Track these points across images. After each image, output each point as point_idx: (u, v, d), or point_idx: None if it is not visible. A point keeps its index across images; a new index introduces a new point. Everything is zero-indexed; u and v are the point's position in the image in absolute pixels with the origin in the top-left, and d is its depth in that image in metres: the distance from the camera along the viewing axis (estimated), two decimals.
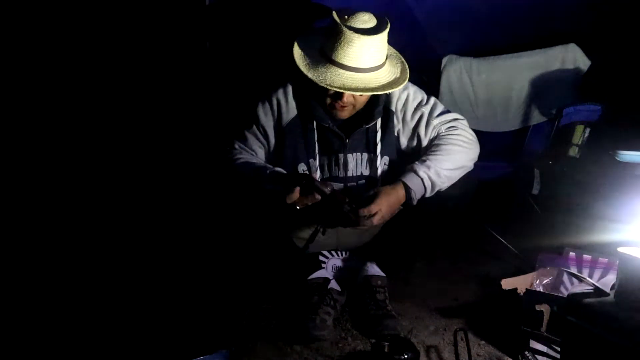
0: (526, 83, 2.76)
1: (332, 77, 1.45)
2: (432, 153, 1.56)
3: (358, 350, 1.52)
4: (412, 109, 1.66)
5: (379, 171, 1.68)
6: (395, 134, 1.69)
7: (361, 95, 1.54)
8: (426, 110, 1.66)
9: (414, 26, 2.63)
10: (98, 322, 1.71)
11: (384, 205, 1.46)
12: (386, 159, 1.68)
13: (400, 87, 1.54)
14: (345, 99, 1.52)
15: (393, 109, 1.66)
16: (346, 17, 1.47)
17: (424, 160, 1.54)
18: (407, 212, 1.71)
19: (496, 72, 2.83)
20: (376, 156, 1.67)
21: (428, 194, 1.54)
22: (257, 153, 1.71)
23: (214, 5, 2.57)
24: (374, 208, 1.44)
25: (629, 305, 1.06)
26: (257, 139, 1.69)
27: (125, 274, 2.13)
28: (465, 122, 1.69)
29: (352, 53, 1.44)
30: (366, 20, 1.47)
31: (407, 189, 1.50)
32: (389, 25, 1.47)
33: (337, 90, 1.46)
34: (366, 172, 1.70)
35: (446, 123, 1.65)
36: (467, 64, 2.88)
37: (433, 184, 1.52)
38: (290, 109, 1.65)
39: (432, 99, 1.70)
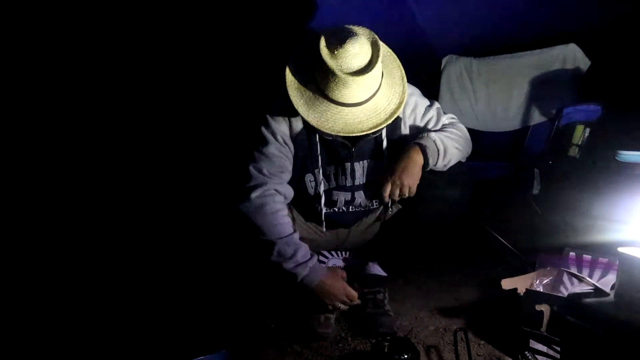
0: (526, 83, 2.76)
1: (334, 117, 1.41)
2: (440, 131, 1.60)
3: (358, 350, 1.52)
4: (422, 114, 1.66)
5: None
6: (402, 139, 1.67)
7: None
8: (434, 112, 1.67)
9: (414, 26, 2.63)
10: (98, 322, 1.71)
11: (401, 173, 1.45)
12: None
13: (397, 113, 1.49)
14: None
15: (401, 115, 1.63)
16: (335, 51, 1.35)
17: (435, 131, 1.58)
18: (407, 212, 1.71)
19: (496, 72, 2.82)
20: (383, 164, 1.64)
21: (439, 161, 1.52)
22: (285, 170, 1.60)
23: (214, 4, 2.57)
24: (388, 184, 1.46)
25: (629, 305, 1.06)
26: (281, 152, 1.58)
27: (125, 274, 2.13)
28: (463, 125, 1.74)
29: (349, 92, 1.38)
30: (357, 52, 1.35)
31: (423, 149, 1.48)
32: (380, 47, 1.39)
33: (342, 134, 1.43)
34: (371, 178, 1.68)
35: (450, 119, 1.70)
36: (467, 64, 2.88)
37: (445, 149, 1.52)
38: (298, 121, 1.58)
39: (435, 102, 1.72)
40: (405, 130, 1.66)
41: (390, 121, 1.46)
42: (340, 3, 2.39)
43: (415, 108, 1.65)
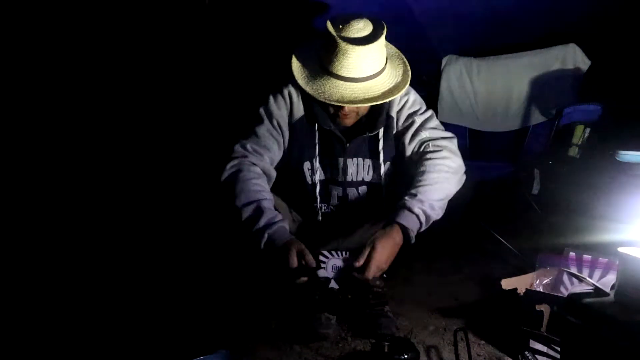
0: (526, 83, 2.76)
1: (331, 90, 1.43)
2: (421, 184, 1.48)
3: (358, 350, 1.52)
4: (406, 116, 1.62)
5: (383, 178, 1.65)
6: (393, 139, 1.66)
7: (358, 106, 1.49)
8: (419, 119, 1.60)
9: (413, 26, 2.63)
10: (98, 322, 1.71)
11: (381, 261, 1.41)
12: (388, 164, 1.66)
13: (402, 92, 1.49)
14: (347, 108, 1.49)
15: (393, 114, 1.63)
16: (340, 26, 1.42)
17: (415, 195, 1.47)
18: None
19: (496, 72, 2.83)
20: (379, 163, 1.64)
21: (423, 229, 1.48)
22: (270, 150, 1.60)
23: (214, 4, 2.57)
24: (371, 272, 1.41)
25: (629, 305, 1.06)
26: (271, 134, 1.60)
27: (126, 274, 2.13)
28: (455, 141, 1.60)
29: (349, 64, 1.41)
30: (361, 27, 1.41)
31: (405, 229, 1.44)
32: (385, 30, 1.43)
33: (336, 103, 1.43)
34: (368, 178, 1.68)
35: (434, 140, 1.57)
36: (467, 64, 2.88)
37: (428, 218, 1.47)
38: (300, 107, 1.61)
39: (430, 112, 1.64)
40: (394, 130, 1.64)
41: (384, 100, 1.44)
42: (340, 3, 2.39)
43: (403, 108, 1.62)
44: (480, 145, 2.95)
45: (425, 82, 3.07)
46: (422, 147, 1.56)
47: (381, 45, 1.44)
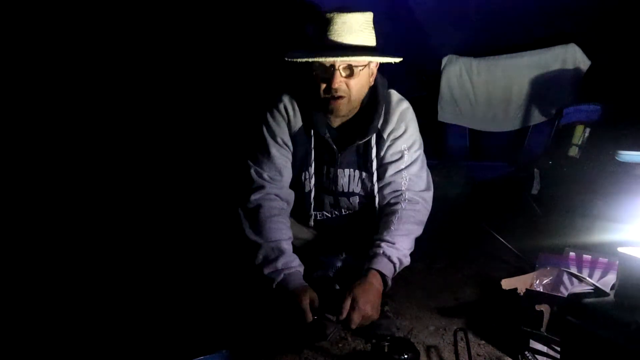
0: (526, 83, 2.76)
1: (316, 55, 1.44)
2: (398, 233, 1.53)
3: (358, 350, 1.52)
4: (398, 148, 1.61)
5: (375, 189, 1.64)
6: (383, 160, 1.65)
7: (349, 76, 1.47)
8: (408, 157, 1.61)
9: (414, 26, 2.64)
10: (98, 322, 1.71)
11: (365, 309, 1.40)
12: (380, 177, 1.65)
13: (389, 59, 1.49)
14: (336, 84, 1.45)
15: (385, 136, 1.60)
16: (331, 13, 1.50)
17: (393, 243, 1.51)
18: None
19: (496, 72, 2.83)
20: (371, 175, 1.63)
21: (394, 275, 1.54)
22: (285, 170, 1.61)
23: (213, 5, 2.57)
24: (354, 321, 1.39)
25: (629, 305, 1.06)
26: (281, 153, 1.61)
27: (126, 274, 2.13)
28: (430, 193, 1.64)
29: (334, 30, 1.45)
30: (348, 8, 1.47)
31: (383, 276, 1.48)
32: (372, 15, 1.50)
33: (320, 60, 1.43)
34: (358, 190, 1.67)
35: (412, 192, 1.60)
36: (467, 64, 2.88)
37: (401, 265, 1.53)
38: (297, 119, 1.61)
39: (419, 152, 1.64)
40: (382, 153, 1.63)
41: (374, 54, 1.47)
42: (340, 3, 2.39)
43: (399, 138, 1.60)
44: (480, 145, 2.95)
45: (425, 82, 3.07)
46: (399, 195, 1.59)
47: (367, 20, 1.49)
